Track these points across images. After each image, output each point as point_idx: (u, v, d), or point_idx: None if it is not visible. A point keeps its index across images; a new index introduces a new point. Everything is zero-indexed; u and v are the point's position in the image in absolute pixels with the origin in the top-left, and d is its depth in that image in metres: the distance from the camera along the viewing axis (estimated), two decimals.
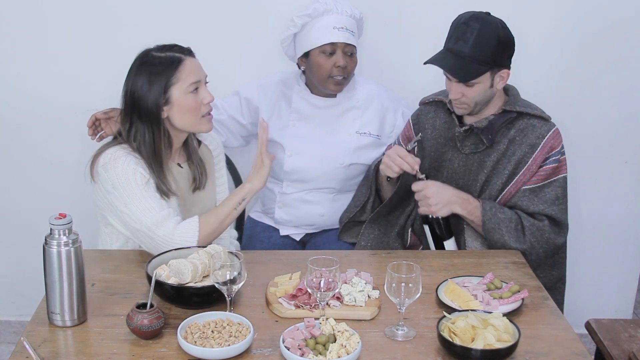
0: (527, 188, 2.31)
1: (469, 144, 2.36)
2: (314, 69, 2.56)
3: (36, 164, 2.97)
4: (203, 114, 2.14)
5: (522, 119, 2.34)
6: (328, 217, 2.71)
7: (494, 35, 2.20)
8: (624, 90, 2.87)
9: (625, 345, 2.17)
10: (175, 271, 1.89)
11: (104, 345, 1.72)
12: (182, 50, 2.13)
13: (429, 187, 2.28)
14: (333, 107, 2.65)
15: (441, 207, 2.28)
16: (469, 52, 2.19)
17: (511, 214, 2.30)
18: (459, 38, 2.21)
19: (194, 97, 2.11)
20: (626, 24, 2.79)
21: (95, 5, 2.77)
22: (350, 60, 2.54)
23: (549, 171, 2.31)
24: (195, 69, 2.12)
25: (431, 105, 2.49)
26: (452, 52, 2.22)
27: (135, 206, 2.05)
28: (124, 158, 2.08)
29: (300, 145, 2.65)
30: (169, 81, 2.08)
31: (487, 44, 2.20)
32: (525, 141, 2.32)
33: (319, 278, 1.74)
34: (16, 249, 3.07)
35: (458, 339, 1.68)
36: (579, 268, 3.01)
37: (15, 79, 2.87)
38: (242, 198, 2.16)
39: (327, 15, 2.51)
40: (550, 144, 2.31)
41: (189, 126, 2.15)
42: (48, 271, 1.77)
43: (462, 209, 2.30)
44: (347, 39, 2.50)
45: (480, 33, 2.19)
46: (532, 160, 2.31)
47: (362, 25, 2.63)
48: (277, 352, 1.69)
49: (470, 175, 2.37)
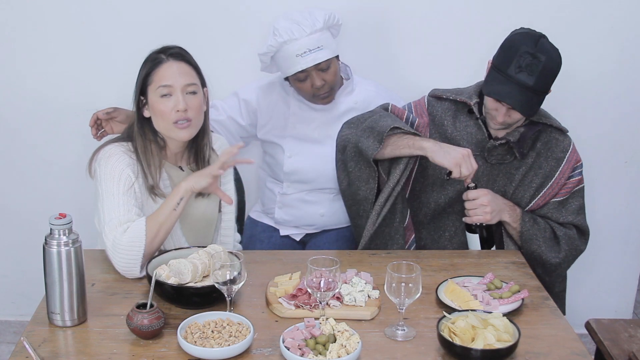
0: (555, 200, 2.36)
1: (497, 154, 2.34)
2: (298, 92, 2.58)
3: (36, 164, 2.97)
4: (174, 121, 2.08)
5: (545, 131, 2.35)
6: (328, 217, 2.70)
7: (557, 68, 2.19)
8: (624, 90, 2.87)
9: (625, 345, 2.17)
10: (175, 271, 1.89)
11: (104, 345, 1.72)
12: (169, 52, 2.10)
13: (485, 195, 2.25)
14: (332, 108, 2.65)
15: (495, 214, 2.27)
16: (533, 85, 2.14)
17: (545, 225, 2.34)
18: (523, 69, 2.14)
19: (164, 102, 2.07)
20: (626, 24, 2.79)
21: (95, 6, 2.77)
22: (328, 74, 2.50)
23: (575, 183, 2.36)
24: (172, 74, 2.07)
25: (450, 103, 2.41)
26: (515, 83, 2.14)
27: (106, 204, 2.04)
28: (117, 157, 2.08)
29: (299, 146, 2.65)
30: (145, 81, 2.09)
31: (551, 77, 2.19)
32: (551, 155, 2.34)
33: (319, 278, 1.74)
34: (16, 249, 3.07)
35: (458, 339, 1.68)
36: (579, 268, 3.00)
37: (16, 78, 2.87)
38: (180, 198, 2.05)
39: (285, 45, 2.45)
40: (574, 157, 2.36)
41: (163, 131, 2.12)
42: (48, 271, 1.77)
43: (509, 216, 2.31)
44: (314, 60, 2.44)
45: (545, 66, 2.14)
46: (559, 173, 2.34)
47: (334, 22, 2.52)
48: (277, 352, 1.69)
49: (495, 185, 2.36)
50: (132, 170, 2.08)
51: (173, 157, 2.20)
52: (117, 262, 2.00)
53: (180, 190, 2.05)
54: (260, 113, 2.68)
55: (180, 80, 2.08)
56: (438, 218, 2.44)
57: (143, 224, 2.00)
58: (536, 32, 2.21)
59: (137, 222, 2.01)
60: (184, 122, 2.09)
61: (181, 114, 2.07)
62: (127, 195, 2.05)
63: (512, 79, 2.15)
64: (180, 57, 2.11)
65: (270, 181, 2.77)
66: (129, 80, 2.17)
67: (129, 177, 2.07)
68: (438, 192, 2.40)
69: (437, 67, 2.81)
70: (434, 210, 2.42)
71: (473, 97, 2.34)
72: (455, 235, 2.42)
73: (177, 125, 2.09)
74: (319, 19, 2.46)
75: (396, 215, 2.38)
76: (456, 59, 2.81)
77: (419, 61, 2.83)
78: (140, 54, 2.14)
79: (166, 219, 2.04)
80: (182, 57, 2.12)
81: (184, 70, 2.10)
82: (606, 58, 2.83)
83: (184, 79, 2.08)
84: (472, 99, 2.34)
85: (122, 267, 2.00)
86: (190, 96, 2.10)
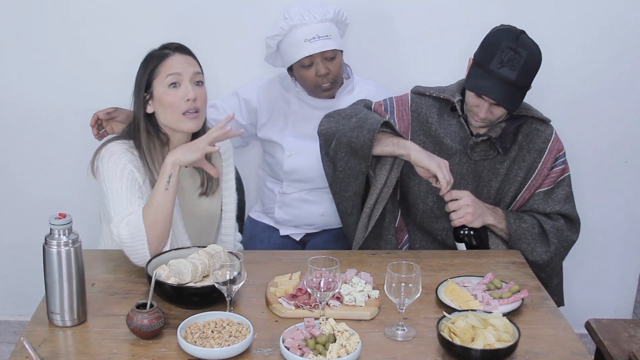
0: (541, 191, 2.36)
1: (479, 150, 2.34)
2: (300, 82, 2.59)
3: (36, 164, 2.97)
4: (183, 112, 2.09)
5: (526, 123, 2.35)
6: (328, 216, 2.70)
7: (537, 63, 2.20)
8: (624, 90, 2.87)
9: (625, 345, 2.16)
10: (175, 271, 1.89)
11: (104, 345, 1.72)
12: (174, 46, 2.12)
13: (467, 196, 2.26)
14: (332, 107, 2.64)
15: (477, 217, 2.27)
16: (515, 80, 2.15)
17: (532, 221, 2.34)
18: (505, 64, 2.15)
19: (173, 92, 2.08)
20: (626, 24, 2.79)
21: (95, 6, 2.77)
22: (333, 64, 2.51)
23: (559, 172, 2.36)
24: (179, 63, 2.09)
25: (434, 100, 2.42)
26: (498, 78, 2.16)
27: (112, 202, 2.04)
28: (119, 154, 2.08)
29: (299, 146, 2.65)
30: (151, 74, 2.09)
31: (532, 72, 2.20)
32: (532, 147, 2.34)
33: (319, 278, 1.74)
34: (16, 249, 3.07)
35: (458, 339, 1.68)
36: (579, 268, 3.01)
37: (16, 78, 2.87)
38: (169, 175, 1.99)
39: (295, 29, 2.47)
40: (556, 146, 2.36)
41: (171, 123, 2.12)
42: (48, 271, 1.77)
43: (494, 218, 2.31)
44: (322, 47, 2.47)
45: (527, 61, 2.15)
46: (541, 164, 2.34)
47: (343, 19, 2.57)
48: (277, 352, 1.69)
49: (481, 182, 2.37)
50: (135, 165, 2.08)
51: None
52: (128, 255, 2.01)
53: (166, 168, 2.00)
54: (261, 112, 2.68)
55: (189, 69, 2.10)
56: (428, 222, 2.44)
57: (140, 214, 1.98)
58: (517, 28, 2.23)
59: (135, 213, 2.00)
60: (193, 113, 2.10)
61: (191, 103, 2.08)
62: (130, 190, 2.05)
63: (494, 74, 2.16)
64: (185, 51, 2.14)
65: (270, 181, 2.77)
66: (129, 81, 2.17)
67: (132, 172, 2.07)
68: (425, 194, 2.41)
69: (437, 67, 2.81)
70: (423, 212, 2.43)
71: (456, 95, 2.35)
72: (448, 237, 2.42)
73: (186, 116, 2.09)
74: (329, 10, 2.51)
75: (385, 215, 2.39)
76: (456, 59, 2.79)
77: (419, 61, 2.83)
78: (141, 53, 2.15)
79: (161, 202, 1.99)
80: (187, 50, 2.15)
81: (191, 61, 2.13)
82: (606, 57, 2.83)
83: (192, 67, 2.12)
84: (455, 96, 2.35)
85: (134, 260, 2.01)
86: (197, 87, 2.12)
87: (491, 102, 2.20)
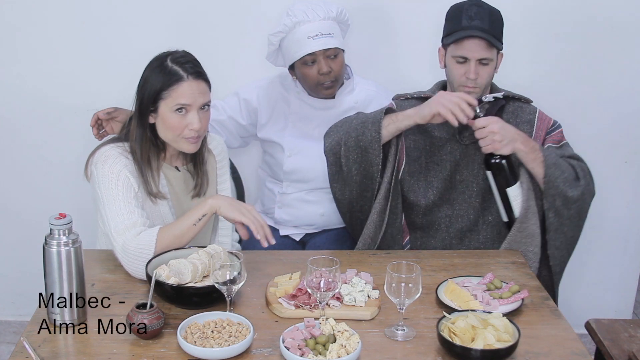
0: (550, 145, 2.37)
1: (468, 134, 2.35)
2: (302, 79, 2.58)
3: (36, 164, 2.97)
4: (185, 137, 2.08)
5: (508, 103, 2.39)
6: (328, 217, 2.70)
7: (500, 17, 2.29)
8: (624, 89, 2.87)
9: (625, 345, 2.16)
10: (175, 271, 1.89)
11: (104, 345, 1.72)
12: (191, 70, 2.06)
13: (494, 122, 2.22)
14: (332, 107, 2.65)
15: (506, 143, 2.22)
16: (488, 28, 2.23)
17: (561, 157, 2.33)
18: (473, 17, 2.23)
19: (179, 118, 2.06)
20: (627, 24, 2.79)
21: (96, 6, 2.77)
22: (335, 63, 2.52)
23: (559, 136, 2.39)
24: (191, 93, 2.05)
25: (416, 100, 2.43)
26: (474, 28, 2.23)
27: (108, 208, 2.03)
28: (114, 159, 2.07)
29: (299, 146, 2.65)
30: (160, 94, 2.05)
31: (499, 23, 2.29)
32: (520, 120, 2.38)
33: (319, 278, 1.74)
34: (16, 249, 3.07)
35: (458, 339, 1.68)
36: (579, 268, 3.01)
37: (16, 78, 2.87)
38: (203, 214, 2.02)
39: (298, 27, 2.48)
40: (545, 117, 2.40)
41: (169, 141, 2.11)
42: (48, 271, 1.77)
43: (525, 145, 2.25)
44: (324, 45, 2.47)
45: (491, 11, 2.27)
46: (535, 131, 2.37)
47: (345, 19, 2.58)
48: (277, 352, 1.69)
49: (474, 164, 2.38)
50: (129, 171, 2.08)
51: (169, 158, 2.20)
52: (125, 264, 2.01)
53: (205, 207, 2.03)
54: (261, 112, 2.68)
55: (200, 100, 2.07)
56: (430, 215, 2.44)
57: (154, 234, 1.99)
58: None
59: (150, 230, 2.00)
60: (194, 138, 2.09)
61: (193, 132, 2.07)
62: (127, 196, 2.04)
63: (469, 27, 2.24)
64: (199, 76, 2.08)
65: (270, 181, 2.77)
66: (130, 81, 2.16)
67: (127, 178, 2.06)
68: (425, 187, 2.41)
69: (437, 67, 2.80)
70: (425, 207, 2.43)
71: (436, 91, 2.37)
72: (451, 224, 2.43)
73: (186, 140, 2.09)
74: (332, 9, 2.52)
75: (397, 214, 2.40)
76: None
77: (419, 61, 2.83)
78: (141, 53, 2.13)
79: (183, 233, 2.02)
80: (201, 75, 2.09)
81: (202, 89, 2.08)
82: (606, 57, 2.83)
83: (202, 98, 2.07)
84: (435, 92, 2.36)
85: (130, 270, 2.01)
86: (203, 111, 2.09)
87: (476, 57, 2.24)
